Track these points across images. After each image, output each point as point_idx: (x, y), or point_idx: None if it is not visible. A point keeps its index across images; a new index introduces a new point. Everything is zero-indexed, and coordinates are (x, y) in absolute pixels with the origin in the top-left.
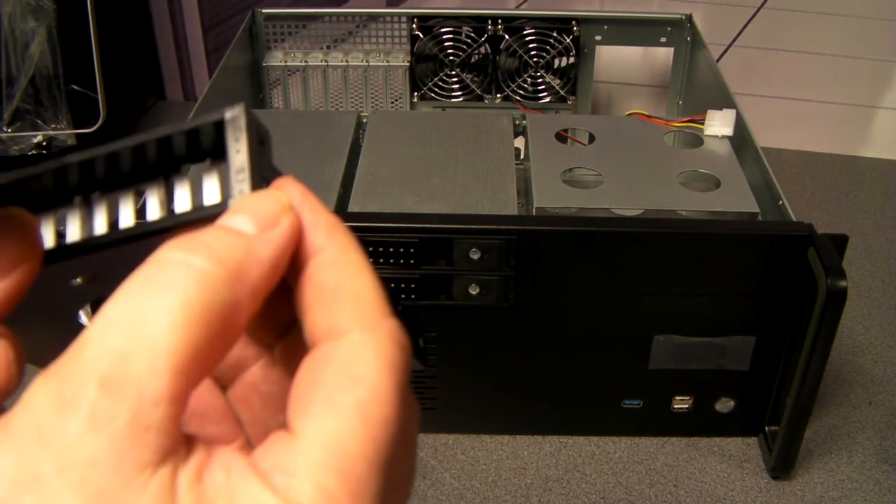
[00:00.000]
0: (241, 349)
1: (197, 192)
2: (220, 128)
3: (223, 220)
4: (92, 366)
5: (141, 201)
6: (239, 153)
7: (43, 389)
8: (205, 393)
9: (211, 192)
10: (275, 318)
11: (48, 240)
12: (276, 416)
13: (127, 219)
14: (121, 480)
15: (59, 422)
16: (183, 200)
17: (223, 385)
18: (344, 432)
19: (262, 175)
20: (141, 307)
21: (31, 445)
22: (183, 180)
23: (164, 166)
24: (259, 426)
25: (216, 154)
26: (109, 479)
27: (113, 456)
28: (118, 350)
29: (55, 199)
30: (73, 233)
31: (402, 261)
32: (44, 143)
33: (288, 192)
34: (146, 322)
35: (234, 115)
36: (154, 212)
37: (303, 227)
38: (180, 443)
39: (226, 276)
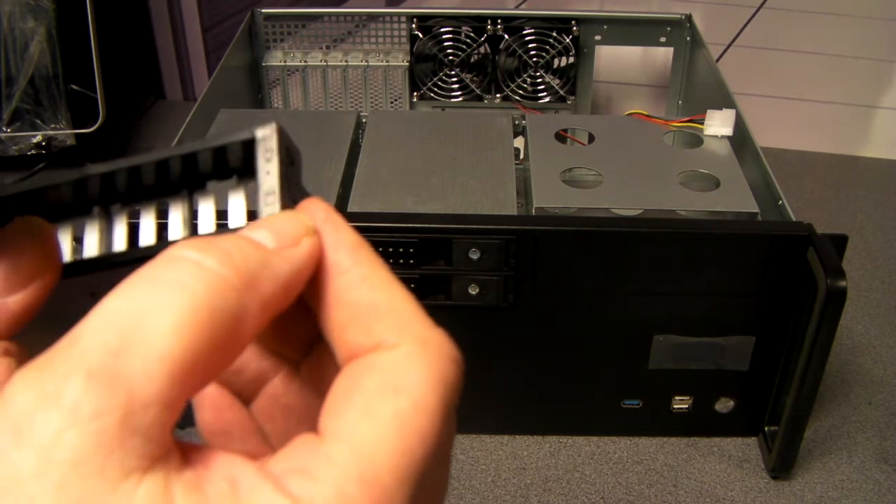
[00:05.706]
0: (261, 362)
1: (221, 211)
2: (249, 146)
3: (244, 231)
4: (81, 358)
5: (163, 217)
6: (269, 175)
7: (21, 384)
8: (226, 410)
9: (237, 212)
10: (297, 335)
11: (65, 251)
12: (298, 428)
13: (148, 235)
14: (105, 485)
15: (40, 416)
16: (207, 219)
17: (245, 400)
18: (377, 440)
19: (291, 197)
20: (143, 304)
21: (8, 445)
22: (207, 197)
23: (187, 182)
24: (284, 438)
25: (244, 172)
26: (93, 482)
27: (98, 456)
28: (112, 346)
29: (74, 209)
30: (91, 246)
31: (401, 261)
32: (43, 143)
33: (313, 210)
34: (147, 320)
35: (266, 135)
36: (176, 229)
37: (325, 247)
38: (172, 452)
39: (238, 284)
